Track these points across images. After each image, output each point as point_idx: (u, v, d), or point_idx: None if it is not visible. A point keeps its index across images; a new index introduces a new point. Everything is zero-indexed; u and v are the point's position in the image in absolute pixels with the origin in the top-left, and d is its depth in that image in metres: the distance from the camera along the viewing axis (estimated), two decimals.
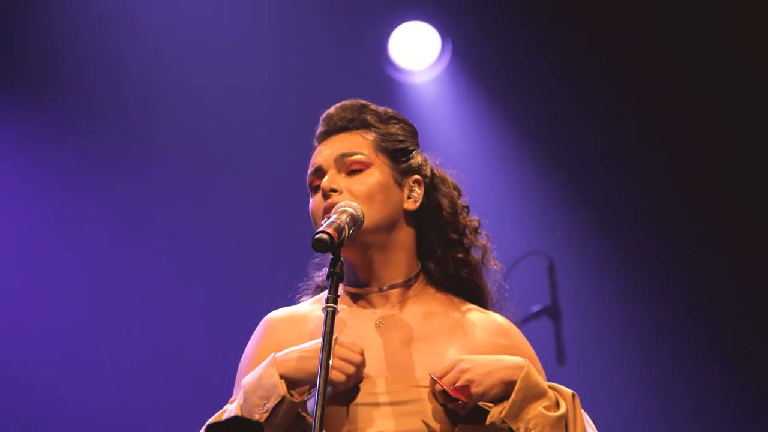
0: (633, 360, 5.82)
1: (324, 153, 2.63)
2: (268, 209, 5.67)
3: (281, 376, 2.41)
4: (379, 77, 5.77)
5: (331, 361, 2.35)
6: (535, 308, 5.38)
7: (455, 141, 5.75)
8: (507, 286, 2.73)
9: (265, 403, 2.40)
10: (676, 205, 5.85)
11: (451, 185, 2.70)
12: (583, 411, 2.54)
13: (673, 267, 5.86)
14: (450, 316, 2.59)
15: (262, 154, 5.71)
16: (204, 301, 5.52)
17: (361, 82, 5.65)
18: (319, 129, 2.70)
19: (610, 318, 5.85)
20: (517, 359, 2.48)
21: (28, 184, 5.63)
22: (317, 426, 2.24)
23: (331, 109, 2.71)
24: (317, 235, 2.37)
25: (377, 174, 2.59)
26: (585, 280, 5.85)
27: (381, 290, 2.59)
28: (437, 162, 2.73)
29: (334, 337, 2.37)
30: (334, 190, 2.56)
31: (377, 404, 2.45)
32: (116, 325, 5.54)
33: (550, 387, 2.51)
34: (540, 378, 2.49)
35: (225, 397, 2.59)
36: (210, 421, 2.47)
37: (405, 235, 2.61)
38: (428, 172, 2.67)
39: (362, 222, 2.51)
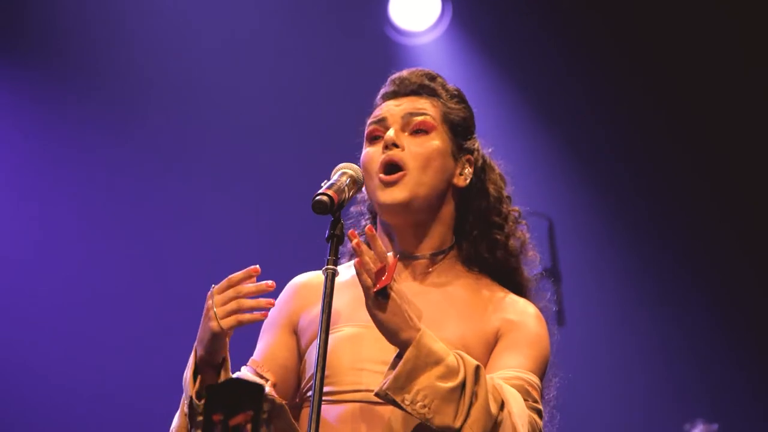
0: (633, 321, 5.84)
1: (391, 107, 2.62)
2: (269, 168, 5.67)
3: (198, 362, 2.34)
4: (380, 38, 5.75)
5: (214, 312, 2.32)
6: (535, 270, 5.38)
7: None
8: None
9: (186, 402, 2.35)
10: (678, 166, 5.85)
11: (498, 174, 2.71)
12: (507, 387, 2.35)
13: (673, 227, 5.87)
14: (468, 296, 2.58)
15: (262, 116, 5.70)
16: (214, 270, 5.44)
17: (362, 43, 5.64)
18: (388, 88, 2.67)
19: (610, 279, 5.87)
20: (414, 324, 2.30)
21: (25, 147, 5.61)
22: (317, 383, 2.24)
23: (403, 72, 2.68)
24: (317, 197, 2.35)
25: (438, 140, 2.59)
26: (585, 242, 5.86)
27: (408, 258, 2.59)
28: (489, 150, 2.73)
29: (211, 289, 2.35)
30: (396, 145, 2.55)
31: (379, 370, 2.46)
32: (115, 299, 5.54)
33: (457, 354, 2.33)
34: (437, 345, 2.30)
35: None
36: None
37: (446, 210, 2.61)
38: (480, 156, 2.68)
39: (362, 185, 2.51)
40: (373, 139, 2.60)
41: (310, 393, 2.43)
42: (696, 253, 5.83)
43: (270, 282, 2.36)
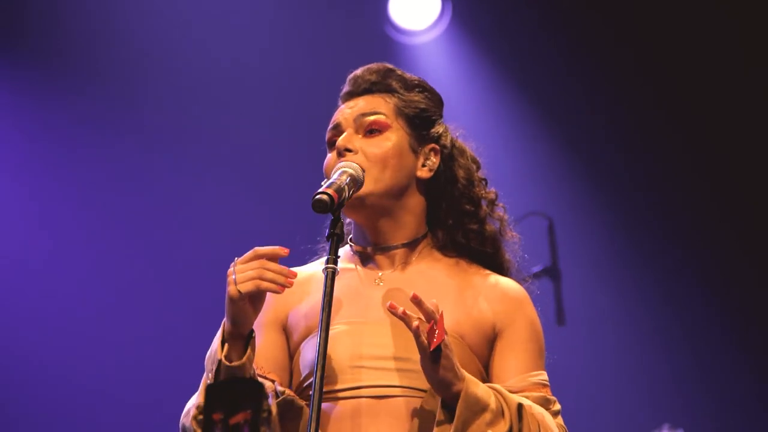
0: (633, 320, 5.84)
1: (344, 111, 2.62)
2: (269, 168, 5.67)
3: (224, 334, 2.35)
4: (379, 37, 5.76)
5: (233, 277, 2.30)
6: (535, 269, 5.39)
7: (455, 101, 5.74)
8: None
9: (212, 369, 2.35)
10: (678, 166, 5.86)
11: (469, 157, 2.70)
12: (535, 408, 2.44)
13: (674, 227, 5.87)
14: (453, 281, 2.59)
15: (262, 115, 5.70)
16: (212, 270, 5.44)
17: (361, 42, 5.64)
18: (344, 89, 2.68)
19: (610, 278, 5.87)
20: (461, 375, 2.37)
21: (25, 147, 5.61)
22: (317, 382, 2.24)
23: (358, 71, 2.68)
24: (317, 196, 2.36)
25: (394, 138, 2.58)
26: (585, 241, 5.86)
27: (384, 250, 2.60)
28: (459, 133, 2.72)
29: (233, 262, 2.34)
30: (349, 150, 2.55)
31: (377, 366, 2.46)
32: (115, 296, 5.54)
33: (497, 393, 2.41)
34: (480, 389, 2.38)
35: None
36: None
37: (415, 202, 2.61)
38: (447, 142, 2.67)
39: (362, 183, 2.51)
40: (332, 145, 2.61)
41: (309, 392, 2.43)
42: (696, 252, 5.83)
43: (294, 269, 2.36)
